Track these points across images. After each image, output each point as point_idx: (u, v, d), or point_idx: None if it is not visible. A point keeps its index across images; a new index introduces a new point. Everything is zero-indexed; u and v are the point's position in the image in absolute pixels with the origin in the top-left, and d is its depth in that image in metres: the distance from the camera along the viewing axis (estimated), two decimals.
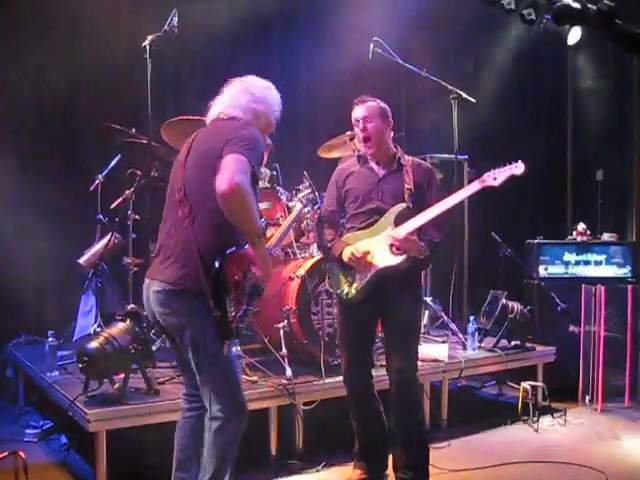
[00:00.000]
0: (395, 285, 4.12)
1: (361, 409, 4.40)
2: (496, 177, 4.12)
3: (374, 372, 4.43)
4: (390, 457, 4.33)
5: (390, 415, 4.28)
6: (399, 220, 4.13)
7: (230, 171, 3.04)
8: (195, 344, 3.26)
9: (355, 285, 4.19)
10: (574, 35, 8.09)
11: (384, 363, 4.30)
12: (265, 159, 5.83)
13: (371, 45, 6.00)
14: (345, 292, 4.23)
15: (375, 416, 4.38)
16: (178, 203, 3.30)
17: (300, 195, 4.91)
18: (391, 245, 4.08)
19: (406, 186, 4.20)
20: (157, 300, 3.29)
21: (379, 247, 4.13)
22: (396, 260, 4.08)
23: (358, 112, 4.30)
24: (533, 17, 7.07)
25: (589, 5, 1.41)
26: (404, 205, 4.15)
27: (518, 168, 4.11)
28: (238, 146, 3.14)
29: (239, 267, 3.25)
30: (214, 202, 3.08)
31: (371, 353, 4.48)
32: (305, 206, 4.87)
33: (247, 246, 3.25)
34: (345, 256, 4.17)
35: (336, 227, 4.42)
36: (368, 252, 4.12)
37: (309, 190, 4.88)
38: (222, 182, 3.01)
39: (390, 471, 4.34)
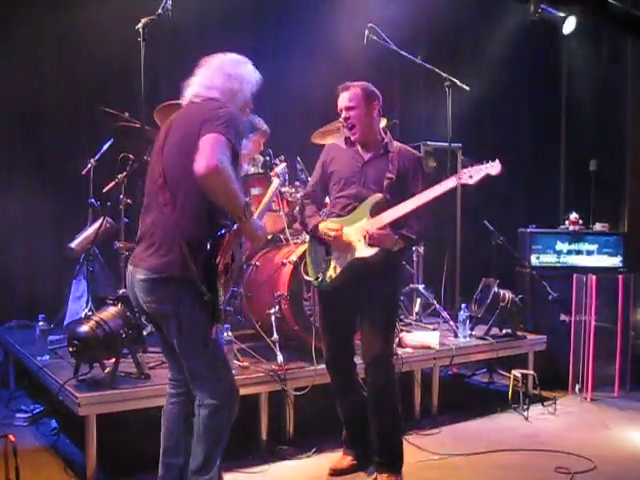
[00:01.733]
0: (371, 273, 4.09)
1: (346, 396, 4.43)
2: (472, 175, 4.03)
3: (357, 360, 4.43)
4: None
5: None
6: (375, 211, 4.10)
7: (208, 152, 3.01)
8: (183, 331, 3.23)
9: (329, 274, 4.22)
10: (569, 24, 8.07)
11: None
12: (262, 146, 5.86)
13: (366, 31, 5.98)
14: (319, 280, 4.26)
15: (360, 403, 4.36)
16: (159, 189, 3.27)
17: (277, 170, 4.93)
18: (364, 237, 4.06)
19: (387, 174, 4.14)
20: (142, 288, 3.26)
21: (354, 237, 4.12)
22: (369, 252, 4.05)
23: (341, 100, 4.25)
24: None
25: None
26: (380, 196, 4.11)
27: (494, 168, 3.98)
28: (215, 125, 3.10)
29: (228, 250, 3.23)
30: (195, 187, 3.06)
31: (352, 341, 4.42)
32: (284, 181, 4.90)
33: (235, 227, 3.23)
34: (320, 230, 4.20)
35: (319, 205, 4.46)
36: (340, 234, 4.11)
37: (284, 164, 4.88)
38: (201, 164, 2.98)
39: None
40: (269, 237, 5.36)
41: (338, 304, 4.27)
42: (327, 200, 4.53)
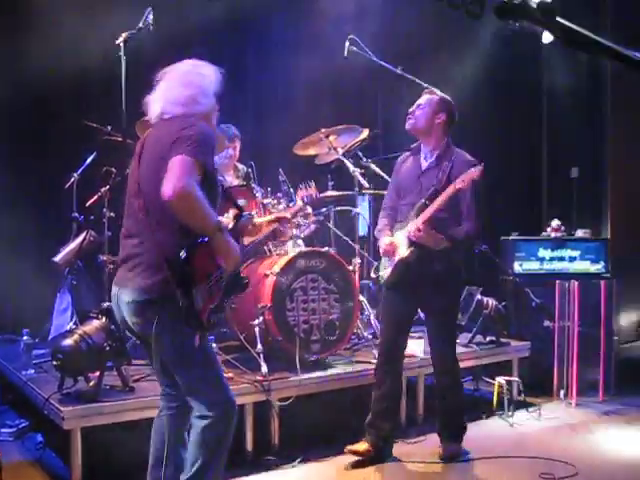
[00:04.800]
0: (426, 276, 4.56)
1: (388, 380, 4.75)
2: (464, 180, 4.37)
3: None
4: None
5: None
6: (419, 214, 4.49)
7: (173, 176, 3.00)
8: (174, 349, 3.24)
9: (383, 273, 4.73)
10: (548, 34, 8.12)
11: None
12: (237, 155, 5.88)
13: (346, 43, 6.01)
14: (378, 277, 4.79)
15: (396, 389, 4.83)
16: (134, 195, 3.28)
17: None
18: (408, 238, 4.49)
19: (435, 182, 4.53)
20: (129, 310, 3.25)
21: (401, 241, 4.57)
22: (406, 252, 4.51)
23: (418, 100, 4.76)
24: (478, 11, 7.25)
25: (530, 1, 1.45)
26: (423, 201, 4.49)
27: (475, 172, 4.37)
28: (183, 147, 3.09)
29: (210, 258, 3.21)
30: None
31: (406, 336, 4.83)
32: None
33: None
34: (380, 246, 4.72)
35: (391, 216, 4.82)
36: (393, 244, 4.60)
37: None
38: (167, 188, 2.98)
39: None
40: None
41: (396, 300, 4.74)
42: None
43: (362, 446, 4.69)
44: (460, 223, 4.55)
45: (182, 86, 3.39)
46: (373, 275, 4.97)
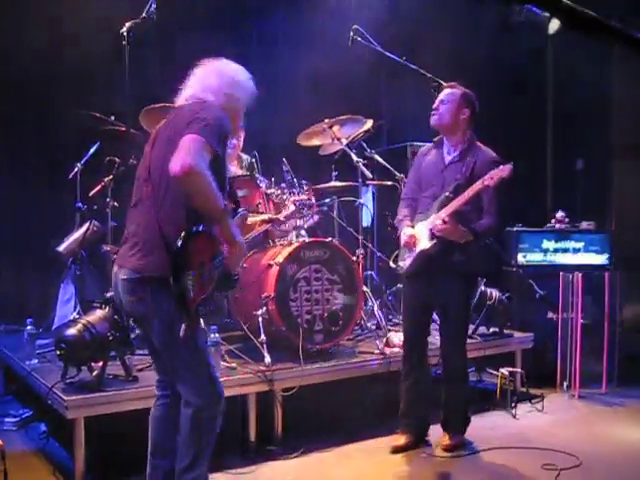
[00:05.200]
0: (442, 271, 4.59)
1: (415, 369, 4.82)
2: (492, 177, 4.36)
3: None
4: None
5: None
6: (442, 208, 4.49)
7: (183, 152, 3.01)
8: (164, 331, 3.25)
9: (403, 262, 4.73)
10: (554, 24, 8.09)
11: None
12: (240, 144, 5.88)
13: (350, 33, 5.99)
14: (399, 267, 4.79)
15: (426, 382, 4.89)
16: (143, 181, 3.31)
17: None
18: (431, 230, 4.50)
19: (458, 176, 4.55)
20: (124, 288, 3.28)
21: (422, 233, 4.58)
22: (429, 244, 4.52)
23: (441, 94, 4.79)
24: None
25: None
26: (446, 194, 4.51)
27: (505, 171, 4.37)
28: (196, 127, 3.10)
29: (206, 248, 3.19)
30: (176, 185, 3.09)
31: (428, 324, 4.92)
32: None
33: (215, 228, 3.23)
34: (401, 237, 4.69)
35: (412, 206, 4.83)
36: (413, 236, 4.60)
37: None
38: (175, 164, 2.99)
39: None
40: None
41: (415, 291, 4.79)
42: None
43: (401, 439, 4.79)
44: (481, 217, 4.56)
45: (218, 77, 3.43)
46: (392, 265, 5.05)
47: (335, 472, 4.48)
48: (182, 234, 3.08)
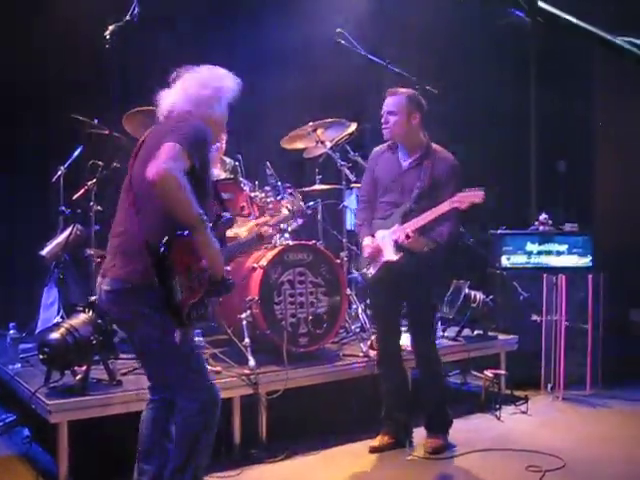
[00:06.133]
0: (407, 274, 4.62)
1: (390, 372, 4.90)
2: (462, 201, 4.46)
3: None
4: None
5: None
6: (405, 219, 4.56)
7: (159, 159, 3.01)
8: (152, 339, 3.24)
9: (370, 270, 4.76)
10: (532, 20, 8.10)
11: None
12: (223, 147, 5.87)
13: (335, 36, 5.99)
14: (365, 273, 4.83)
15: (402, 380, 4.96)
16: (126, 190, 3.32)
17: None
18: (395, 241, 4.52)
19: (417, 184, 4.57)
20: (108, 299, 3.28)
21: (386, 241, 4.60)
22: (395, 257, 4.56)
23: (385, 104, 4.73)
24: None
25: None
26: (408, 206, 4.57)
27: (477, 197, 4.47)
28: (174, 136, 3.11)
29: (191, 251, 3.18)
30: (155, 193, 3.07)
31: (398, 326, 4.97)
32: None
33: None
34: (363, 244, 4.75)
35: (369, 209, 4.86)
36: (378, 246, 4.64)
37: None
38: (150, 169, 2.99)
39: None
40: None
41: (382, 296, 4.86)
42: None
43: (380, 440, 4.83)
44: (440, 223, 4.56)
45: (199, 86, 3.42)
46: (355, 272, 5.07)
47: (320, 475, 4.49)
48: (165, 239, 3.07)
